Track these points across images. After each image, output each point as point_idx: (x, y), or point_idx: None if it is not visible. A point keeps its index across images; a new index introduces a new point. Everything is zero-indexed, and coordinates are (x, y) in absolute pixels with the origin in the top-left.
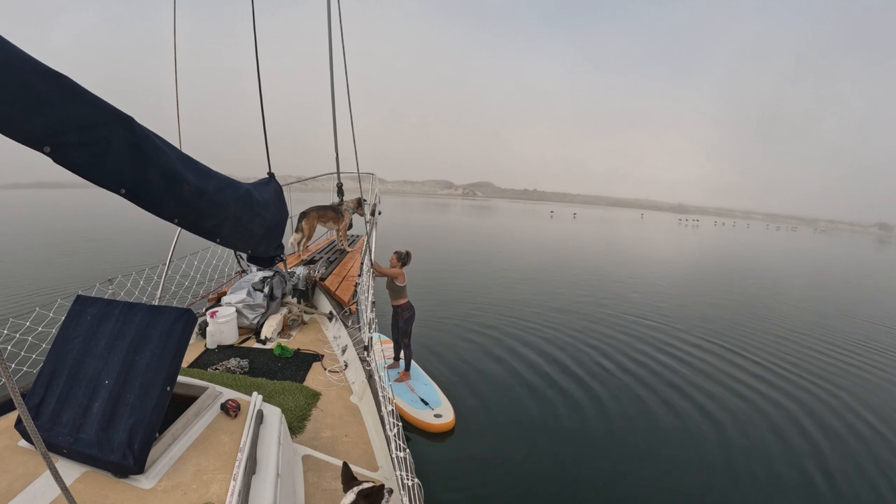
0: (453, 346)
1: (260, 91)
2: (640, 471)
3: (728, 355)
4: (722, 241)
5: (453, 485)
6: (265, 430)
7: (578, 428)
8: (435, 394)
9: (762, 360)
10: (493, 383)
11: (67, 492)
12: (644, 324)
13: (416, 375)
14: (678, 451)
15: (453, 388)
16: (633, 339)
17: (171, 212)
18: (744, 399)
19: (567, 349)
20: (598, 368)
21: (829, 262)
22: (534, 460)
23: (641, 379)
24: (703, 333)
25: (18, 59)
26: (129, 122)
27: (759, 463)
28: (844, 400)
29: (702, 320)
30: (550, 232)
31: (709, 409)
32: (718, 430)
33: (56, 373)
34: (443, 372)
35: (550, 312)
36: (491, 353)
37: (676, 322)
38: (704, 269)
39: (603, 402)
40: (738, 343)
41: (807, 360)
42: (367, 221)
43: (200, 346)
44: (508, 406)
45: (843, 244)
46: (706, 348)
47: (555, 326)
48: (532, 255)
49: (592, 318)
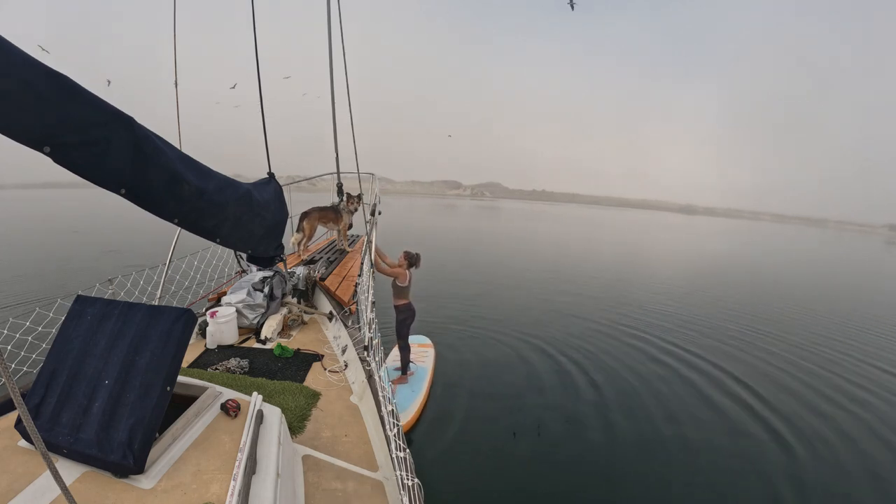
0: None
1: (260, 91)
2: (651, 465)
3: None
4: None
5: (453, 484)
6: (265, 430)
7: (584, 428)
8: (408, 402)
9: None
10: (494, 382)
11: (67, 492)
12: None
13: (418, 378)
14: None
15: (455, 388)
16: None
17: (171, 212)
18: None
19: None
20: (608, 370)
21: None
22: (534, 460)
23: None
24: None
25: (18, 59)
26: (129, 122)
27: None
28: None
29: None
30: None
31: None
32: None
33: (56, 373)
34: (445, 371)
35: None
36: (520, 356)
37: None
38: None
39: (608, 406)
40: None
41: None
42: (367, 221)
43: (200, 346)
44: (511, 406)
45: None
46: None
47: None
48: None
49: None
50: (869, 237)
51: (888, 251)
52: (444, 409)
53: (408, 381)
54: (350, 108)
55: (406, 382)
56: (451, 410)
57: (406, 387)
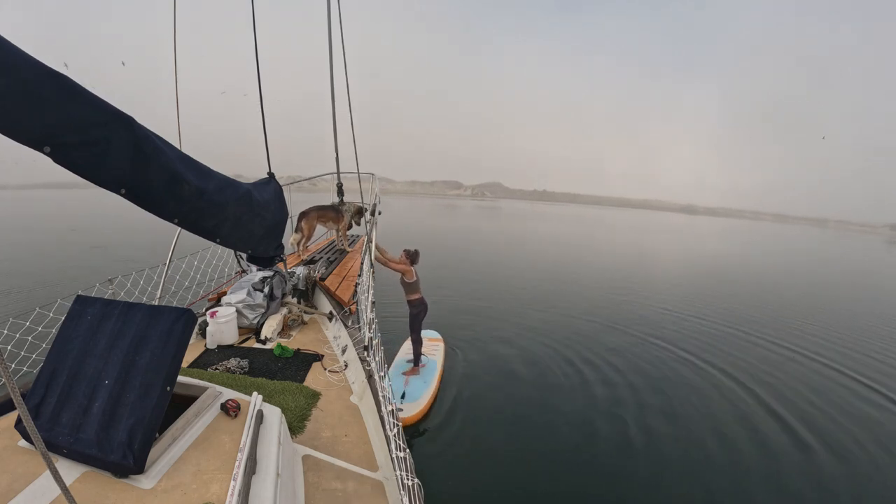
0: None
1: (260, 91)
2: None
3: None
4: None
5: (453, 485)
6: (265, 430)
7: (589, 430)
8: (420, 392)
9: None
10: (498, 381)
11: (67, 492)
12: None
13: (429, 370)
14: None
15: (460, 384)
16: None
17: (171, 212)
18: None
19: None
20: (613, 370)
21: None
22: (535, 460)
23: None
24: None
25: (19, 59)
26: (130, 122)
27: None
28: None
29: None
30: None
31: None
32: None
33: (56, 373)
34: (452, 367)
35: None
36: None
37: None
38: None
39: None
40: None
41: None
42: (367, 221)
43: (200, 346)
44: (513, 405)
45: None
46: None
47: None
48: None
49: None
50: (870, 237)
51: (888, 251)
52: (450, 404)
53: (419, 372)
54: (350, 108)
55: (418, 374)
56: (454, 408)
57: (418, 378)
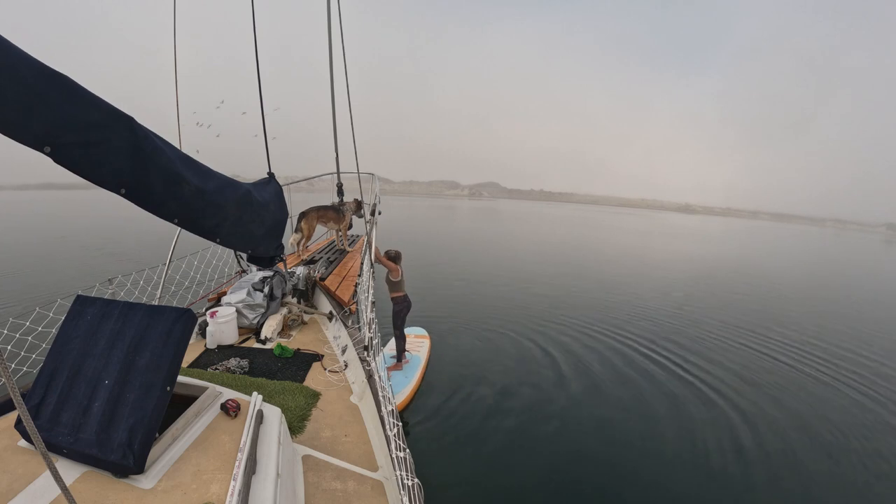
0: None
1: (260, 91)
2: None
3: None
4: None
5: (453, 485)
6: (265, 430)
7: (583, 426)
8: (399, 387)
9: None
10: (489, 377)
11: (67, 492)
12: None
13: (412, 365)
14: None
15: (458, 382)
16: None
17: (171, 212)
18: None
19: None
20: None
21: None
22: (535, 460)
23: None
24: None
25: (19, 59)
26: (130, 122)
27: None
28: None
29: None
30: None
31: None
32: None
33: (56, 373)
34: (439, 363)
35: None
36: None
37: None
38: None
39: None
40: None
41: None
42: (367, 221)
43: (200, 346)
44: (510, 402)
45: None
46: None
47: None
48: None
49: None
50: (868, 236)
51: (886, 250)
52: (436, 399)
53: (402, 368)
54: (350, 109)
55: (400, 369)
56: (440, 403)
57: (399, 373)
